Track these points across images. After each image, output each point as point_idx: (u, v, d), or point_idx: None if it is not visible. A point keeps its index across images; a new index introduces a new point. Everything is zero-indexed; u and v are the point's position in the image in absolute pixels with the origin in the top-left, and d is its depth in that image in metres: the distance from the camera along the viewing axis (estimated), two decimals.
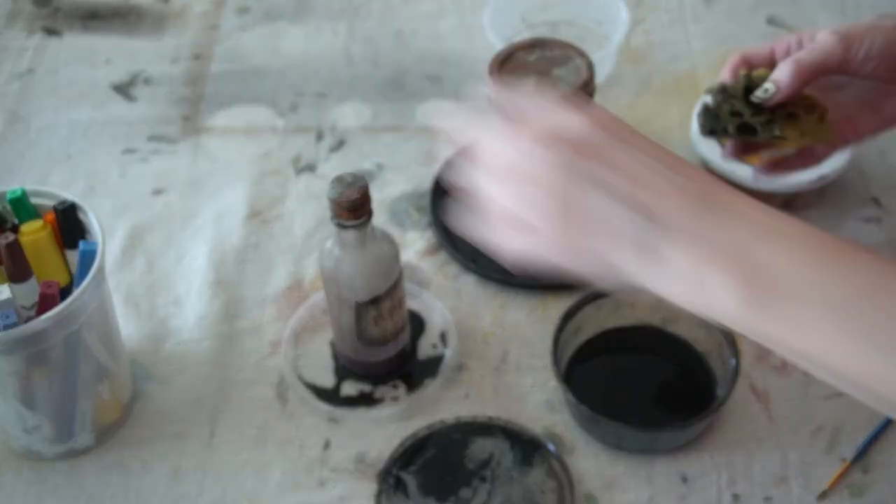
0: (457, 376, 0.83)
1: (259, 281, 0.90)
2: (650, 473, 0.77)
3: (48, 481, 0.78)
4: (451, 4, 1.15)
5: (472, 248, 0.90)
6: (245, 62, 1.10)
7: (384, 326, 0.79)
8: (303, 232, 0.94)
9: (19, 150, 1.02)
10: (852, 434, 0.79)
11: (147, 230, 0.94)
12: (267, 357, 0.85)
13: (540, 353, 0.83)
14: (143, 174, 0.99)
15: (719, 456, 0.78)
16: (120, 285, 0.90)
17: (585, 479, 0.77)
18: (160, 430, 0.81)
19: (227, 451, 0.80)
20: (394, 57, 1.09)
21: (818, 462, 0.77)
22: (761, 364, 0.83)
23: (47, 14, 1.16)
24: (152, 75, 1.09)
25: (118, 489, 0.78)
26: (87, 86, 1.08)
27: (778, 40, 0.83)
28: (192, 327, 0.87)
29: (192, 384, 0.84)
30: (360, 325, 0.79)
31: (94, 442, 0.79)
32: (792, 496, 0.76)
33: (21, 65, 1.10)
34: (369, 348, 0.81)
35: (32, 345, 0.70)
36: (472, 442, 0.79)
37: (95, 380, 0.77)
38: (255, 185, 0.97)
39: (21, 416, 0.75)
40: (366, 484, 0.77)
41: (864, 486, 0.76)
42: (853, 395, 0.48)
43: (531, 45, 0.88)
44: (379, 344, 0.81)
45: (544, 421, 0.80)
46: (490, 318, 0.87)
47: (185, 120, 1.04)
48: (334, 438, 0.80)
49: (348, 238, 0.74)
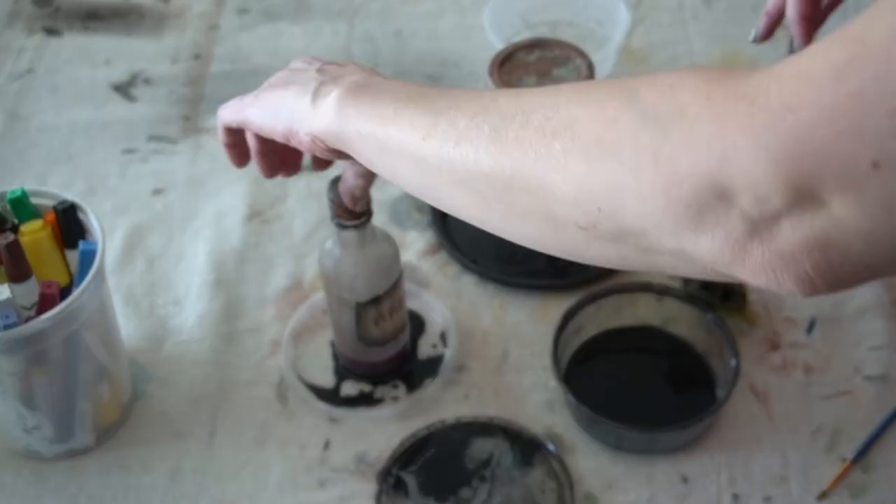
0: (457, 376, 0.83)
1: (259, 281, 0.90)
2: (650, 473, 0.77)
3: (48, 481, 0.78)
4: (451, 4, 1.15)
5: (472, 248, 0.91)
6: (245, 62, 1.10)
7: (384, 327, 0.79)
8: (303, 232, 0.94)
9: (19, 150, 1.02)
10: (852, 434, 0.79)
11: (147, 230, 0.94)
12: (267, 357, 0.85)
13: (540, 353, 0.83)
14: (143, 174, 0.99)
15: (719, 456, 0.78)
16: (120, 285, 0.90)
17: (585, 479, 0.77)
18: (160, 430, 0.81)
19: (226, 451, 0.80)
20: (393, 57, 1.09)
21: (818, 462, 0.77)
22: (761, 364, 0.83)
23: (47, 14, 1.16)
24: (152, 75, 1.09)
25: (118, 489, 0.78)
26: (88, 86, 1.08)
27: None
28: (191, 327, 0.87)
29: (191, 384, 0.84)
30: (361, 326, 0.79)
31: (93, 442, 0.79)
32: (792, 496, 0.76)
33: (21, 65, 1.10)
34: (370, 348, 0.81)
35: (32, 345, 0.70)
36: (473, 442, 0.79)
37: (95, 380, 0.76)
38: (255, 185, 0.97)
39: (21, 416, 0.75)
40: (366, 484, 0.77)
41: (865, 487, 0.76)
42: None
43: (531, 45, 0.88)
44: (379, 344, 0.81)
45: (544, 421, 0.80)
46: (490, 318, 0.87)
47: (184, 120, 1.04)
48: (334, 438, 0.80)
49: (348, 238, 0.74)
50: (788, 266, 0.41)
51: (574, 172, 0.47)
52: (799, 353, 0.84)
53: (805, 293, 0.42)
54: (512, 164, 0.49)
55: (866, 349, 0.84)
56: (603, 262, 0.50)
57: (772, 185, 0.40)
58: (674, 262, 0.46)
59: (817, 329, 0.85)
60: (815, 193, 0.39)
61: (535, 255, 0.91)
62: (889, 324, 0.85)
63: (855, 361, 0.83)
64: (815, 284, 0.42)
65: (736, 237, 0.42)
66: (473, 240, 0.91)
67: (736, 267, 0.43)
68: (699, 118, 0.42)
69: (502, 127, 0.50)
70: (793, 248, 0.41)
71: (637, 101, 0.45)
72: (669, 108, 0.43)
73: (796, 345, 0.84)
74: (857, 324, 0.85)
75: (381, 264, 0.77)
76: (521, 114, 0.50)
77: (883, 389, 0.81)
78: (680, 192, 0.42)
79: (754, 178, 0.40)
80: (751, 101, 0.41)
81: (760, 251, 0.42)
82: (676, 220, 0.43)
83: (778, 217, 0.41)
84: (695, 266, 0.45)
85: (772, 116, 0.40)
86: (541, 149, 0.48)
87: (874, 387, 0.81)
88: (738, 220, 0.42)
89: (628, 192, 0.44)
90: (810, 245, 0.40)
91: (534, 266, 0.90)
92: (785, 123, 0.39)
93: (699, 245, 0.43)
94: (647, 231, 0.45)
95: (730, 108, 0.41)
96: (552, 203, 0.48)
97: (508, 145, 0.49)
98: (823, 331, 0.85)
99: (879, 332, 0.84)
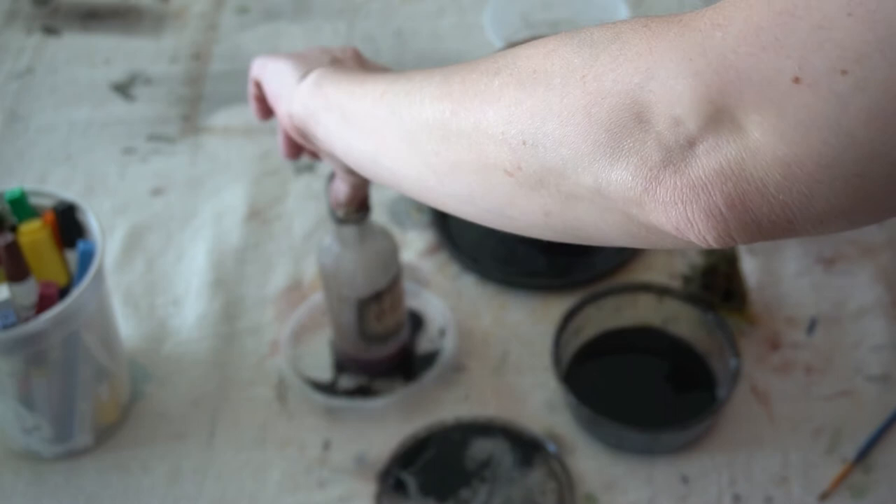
0: (457, 377, 0.83)
1: (259, 281, 0.90)
2: (651, 474, 0.77)
3: (47, 482, 0.78)
4: (451, 4, 1.15)
5: (472, 248, 0.91)
6: (244, 62, 1.08)
7: (386, 322, 0.79)
8: (302, 232, 0.94)
9: (18, 150, 1.02)
10: (853, 435, 0.78)
11: (146, 230, 0.94)
12: (266, 357, 0.85)
13: (540, 354, 0.83)
14: (143, 174, 0.99)
15: (720, 456, 0.78)
16: (119, 285, 0.90)
17: (586, 479, 0.77)
18: (159, 430, 0.81)
19: (226, 452, 0.80)
20: (393, 57, 1.09)
21: (819, 463, 0.77)
22: (762, 365, 0.83)
23: (46, 13, 1.16)
24: (151, 75, 1.08)
25: (117, 489, 0.78)
26: (87, 85, 1.08)
27: None
28: (191, 327, 0.87)
29: (191, 384, 0.83)
30: (362, 322, 0.78)
31: (93, 442, 0.79)
32: (793, 497, 0.75)
33: (20, 64, 1.10)
34: (371, 345, 0.81)
35: (31, 345, 0.70)
36: (473, 442, 0.79)
37: (95, 380, 0.76)
38: (255, 185, 0.97)
39: (20, 417, 0.75)
40: (366, 484, 0.77)
41: (866, 487, 0.76)
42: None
43: None
44: (381, 340, 0.80)
45: (544, 421, 0.80)
46: (490, 318, 0.87)
47: (184, 120, 1.04)
48: (334, 439, 0.80)
49: (347, 234, 0.74)
50: (699, 197, 0.40)
51: (506, 103, 0.47)
52: (800, 354, 0.84)
53: (717, 235, 0.41)
54: (452, 104, 0.50)
55: (867, 349, 0.83)
56: (528, 224, 0.50)
57: (690, 102, 0.39)
58: (593, 211, 0.45)
59: (818, 329, 0.85)
60: (733, 114, 0.38)
61: (535, 255, 0.92)
62: (890, 324, 0.85)
63: (856, 362, 0.83)
64: (727, 223, 0.40)
65: (650, 165, 0.41)
66: (473, 240, 0.91)
67: (647, 202, 0.42)
68: (631, 39, 0.42)
69: (453, 73, 0.51)
70: (705, 175, 0.40)
71: (579, 33, 0.45)
72: (606, 34, 0.44)
73: (797, 345, 0.84)
74: (858, 324, 0.85)
75: (380, 259, 0.76)
76: (476, 62, 0.51)
77: (884, 390, 0.81)
78: (600, 111, 0.42)
79: (674, 93, 0.40)
80: (684, 24, 0.41)
81: (672, 181, 0.41)
82: (595, 146, 0.43)
83: (693, 142, 0.40)
84: (612, 214, 0.45)
85: (700, 34, 0.39)
86: (481, 86, 0.49)
87: (875, 387, 0.81)
88: (653, 145, 0.41)
89: (552, 116, 0.44)
90: (724, 173, 0.39)
91: (534, 266, 0.90)
92: (712, 40, 0.39)
93: (613, 177, 0.42)
94: (566, 167, 0.44)
95: (662, 29, 0.41)
96: (483, 143, 0.48)
97: (453, 88, 0.50)
98: (824, 331, 0.85)
99: (880, 332, 0.84)
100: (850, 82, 0.36)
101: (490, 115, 0.48)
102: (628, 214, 0.44)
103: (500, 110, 0.47)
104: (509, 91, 0.47)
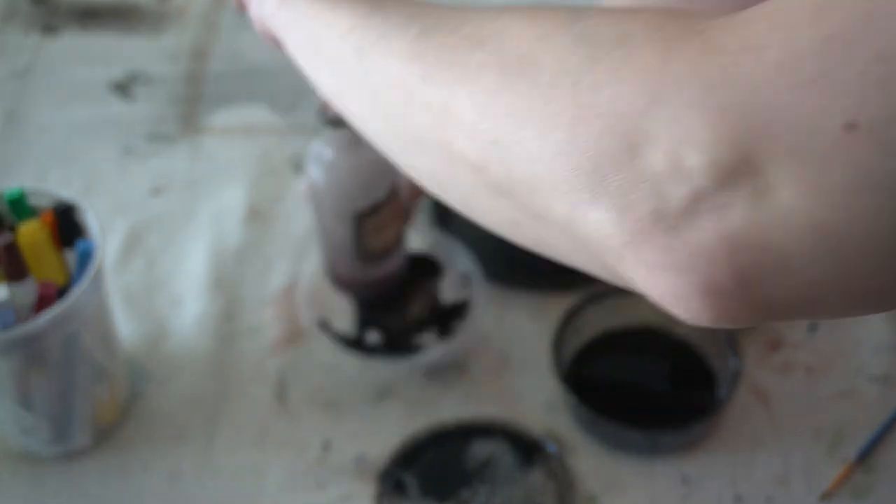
0: (457, 377, 0.83)
1: (258, 281, 0.90)
2: (651, 474, 0.77)
3: (46, 482, 0.78)
4: None
5: (473, 248, 0.90)
6: (244, 61, 1.10)
7: (385, 236, 0.73)
8: (302, 232, 0.93)
9: (17, 150, 1.02)
10: (855, 435, 0.78)
11: (145, 230, 0.94)
12: (266, 357, 0.85)
13: (540, 354, 0.83)
14: (142, 174, 0.99)
15: (721, 457, 0.78)
16: (118, 285, 0.89)
17: (586, 480, 0.77)
18: (159, 430, 0.81)
19: (226, 452, 0.79)
20: None
21: (820, 463, 0.77)
22: (763, 365, 0.82)
23: (45, 12, 1.16)
24: (151, 74, 1.08)
25: (116, 490, 0.77)
26: (86, 85, 1.08)
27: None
28: (191, 327, 0.87)
29: (191, 384, 0.83)
30: (361, 238, 0.72)
31: (92, 443, 0.79)
32: (794, 497, 0.75)
33: (19, 63, 1.10)
34: (369, 264, 0.77)
35: (30, 345, 0.70)
36: (473, 443, 0.79)
37: (94, 380, 0.76)
38: (255, 185, 0.97)
39: (18, 417, 0.75)
40: (366, 485, 0.77)
41: (867, 488, 0.76)
42: None
43: None
44: (380, 257, 0.76)
45: (545, 422, 0.80)
46: (490, 318, 0.87)
47: (183, 119, 1.04)
48: (334, 439, 0.80)
49: (342, 139, 0.66)
50: (698, 267, 0.32)
51: (482, 88, 0.39)
52: (801, 354, 0.83)
53: (715, 316, 0.33)
54: (424, 69, 0.42)
55: (869, 349, 0.83)
56: (496, 226, 0.43)
57: (704, 142, 0.31)
58: (563, 240, 0.38)
59: (819, 329, 0.85)
60: (759, 164, 0.30)
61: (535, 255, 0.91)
62: (892, 324, 0.85)
63: (857, 362, 0.83)
64: (730, 301, 0.32)
65: (638, 215, 0.33)
66: (474, 240, 0.91)
67: (628, 257, 0.34)
68: (641, 47, 0.34)
69: (432, 29, 0.43)
70: (711, 240, 0.31)
71: (579, 20, 0.37)
72: (611, 32, 0.35)
73: (798, 345, 0.84)
74: (860, 324, 0.85)
75: (377, 167, 0.68)
76: (460, 21, 0.43)
77: (885, 390, 0.81)
78: (588, 131, 0.34)
79: (685, 127, 0.31)
80: (707, 38, 0.32)
81: (664, 241, 0.32)
82: (574, 173, 0.35)
83: (699, 195, 0.31)
84: (583, 253, 0.37)
85: (728, 56, 0.31)
86: (459, 55, 0.41)
87: (877, 387, 0.81)
88: (646, 190, 0.32)
89: (530, 121, 0.36)
90: (737, 240, 0.31)
91: (534, 266, 0.89)
92: (742, 66, 0.31)
93: (590, 216, 0.35)
94: (538, 186, 0.37)
95: (680, 40, 0.33)
96: (450, 126, 0.41)
97: (428, 48, 0.43)
98: (825, 331, 0.85)
99: (882, 332, 0.84)
100: None
101: (462, 97, 0.40)
102: (604, 261, 0.36)
103: (474, 94, 0.40)
104: (488, 74, 0.39)
